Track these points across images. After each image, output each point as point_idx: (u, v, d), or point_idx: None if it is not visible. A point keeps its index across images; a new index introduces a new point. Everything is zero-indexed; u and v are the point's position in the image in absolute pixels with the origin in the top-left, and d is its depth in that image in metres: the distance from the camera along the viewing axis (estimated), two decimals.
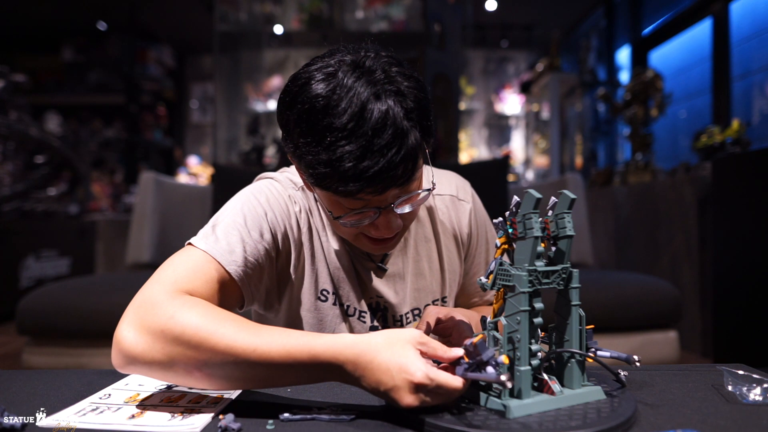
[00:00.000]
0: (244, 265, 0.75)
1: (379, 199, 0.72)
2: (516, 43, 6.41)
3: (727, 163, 2.26)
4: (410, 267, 0.92)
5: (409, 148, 0.68)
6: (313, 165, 0.68)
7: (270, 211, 0.81)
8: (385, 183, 0.68)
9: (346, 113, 0.66)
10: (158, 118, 6.61)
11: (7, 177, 3.72)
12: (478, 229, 0.98)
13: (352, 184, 0.67)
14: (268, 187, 0.85)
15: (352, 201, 0.71)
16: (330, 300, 0.88)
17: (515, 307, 0.59)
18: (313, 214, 0.87)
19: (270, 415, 0.60)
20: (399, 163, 0.67)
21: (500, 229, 0.64)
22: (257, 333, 0.62)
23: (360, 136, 0.65)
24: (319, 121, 0.67)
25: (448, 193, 0.96)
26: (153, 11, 5.88)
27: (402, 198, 0.73)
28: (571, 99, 5.43)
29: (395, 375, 0.57)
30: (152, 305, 0.65)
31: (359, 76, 0.68)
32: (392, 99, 0.67)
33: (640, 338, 1.88)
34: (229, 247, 0.75)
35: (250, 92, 4.39)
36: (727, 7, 3.49)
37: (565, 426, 0.54)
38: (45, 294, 1.84)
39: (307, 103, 0.68)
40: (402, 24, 3.80)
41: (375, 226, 0.76)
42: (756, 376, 0.67)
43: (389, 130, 0.66)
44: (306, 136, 0.68)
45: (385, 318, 0.90)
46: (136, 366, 0.63)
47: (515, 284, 0.59)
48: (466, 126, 6.28)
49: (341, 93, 0.67)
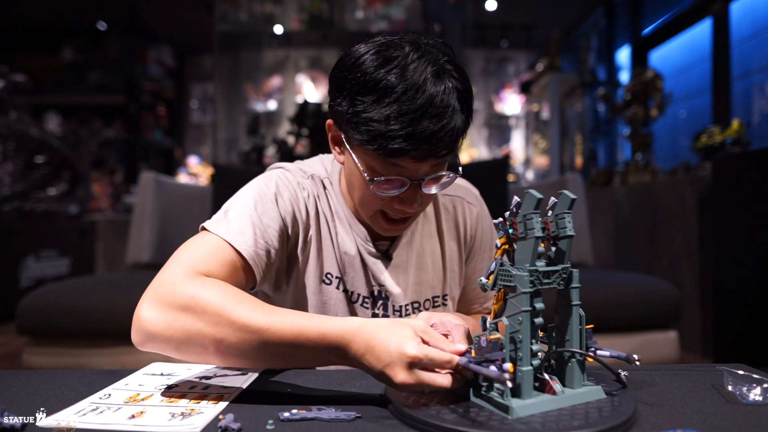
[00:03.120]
0: (255, 246, 0.79)
1: (415, 167, 0.77)
2: (516, 43, 6.41)
3: (727, 163, 2.26)
4: (414, 260, 0.94)
5: (458, 125, 0.75)
6: (368, 122, 0.74)
7: (279, 196, 0.86)
8: (429, 149, 0.73)
9: (410, 79, 0.72)
10: (158, 118, 6.61)
11: (7, 177, 3.72)
12: (483, 234, 1.00)
13: (401, 142, 0.72)
14: (278, 174, 0.90)
15: (391, 167, 0.77)
16: (334, 284, 0.91)
17: (516, 308, 0.60)
18: (320, 201, 0.91)
19: (270, 415, 0.60)
20: (447, 133, 0.73)
21: (500, 230, 0.64)
22: (271, 313, 0.66)
23: (419, 101, 0.72)
24: (381, 82, 0.73)
25: (457, 194, 0.99)
26: (153, 11, 5.87)
27: (432, 176, 0.79)
28: (571, 99, 5.43)
29: (392, 351, 0.60)
30: (172, 285, 0.69)
31: (421, 54, 0.75)
32: (451, 79, 0.75)
33: (640, 338, 1.88)
34: (240, 230, 0.79)
35: (250, 92, 4.39)
36: (727, 7, 3.49)
37: (568, 426, 0.54)
38: (45, 294, 1.84)
39: (371, 66, 0.74)
40: (402, 24, 3.80)
41: (400, 199, 0.80)
42: (756, 376, 0.67)
43: (446, 102, 0.73)
44: (366, 94, 0.74)
45: (386, 307, 0.93)
46: (156, 343, 0.67)
47: (516, 285, 0.59)
48: None
49: (405, 62, 0.74)
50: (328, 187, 0.93)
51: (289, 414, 0.59)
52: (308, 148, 3.45)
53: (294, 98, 4.72)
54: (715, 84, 3.56)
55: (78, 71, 6.33)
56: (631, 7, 4.91)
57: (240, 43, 4.20)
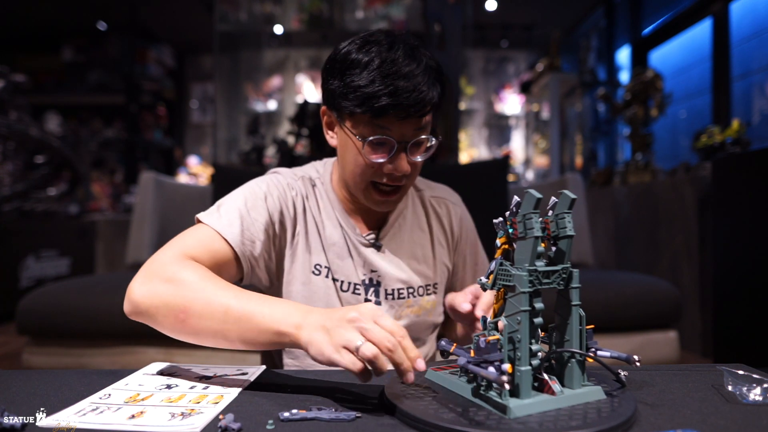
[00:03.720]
0: (242, 237, 0.88)
1: (399, 128, 0.87)
2: (516, 43, 6.41)
3: (727, 163, 2.26)
4: (405, 249, 1.02)
5: (432, 93, 0.86)
6: (357, 89, 0.84)
7: (269, 195, 0.94)
8: (409, 105, 0.84)
9: (387, 53, 0.85)
10: (158, 118, 6.61)
11: (7, 177, 3.72)
12: (467, 232, 1.09)
13: (385, 99, 0.83)
14: (269, 177, 0.99)
15: (379, 129, 0.86)
16: (323, 273, 0.97)
17: (515, 307, 0.59)
18: (309, 199, 0.99)
19: (270, 415, 0.60)
20: (423, 94, 0.84)
21: (500, 229, 0.64)
22: (236, 295, 0.73)
23: (396, 67, 0.84)
24: (365, 58, 0.85)
25: (442, 196, 1.10)
26: (153, 11, 5.87)
27: (415, 139, 0.89)
28: (571, 99, 5.43)
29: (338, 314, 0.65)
30: (161, 263, 0.79)
31: (395, 39, 0.88)
32: (423, 58, 0.87)
33: (640, 338, 1.88)
34: (229, 222, 0.88)
35: (250, 92, 4.39)
36: (727, 7, 3.49)
37: (566, 426, 0.54)
38: (45, 294, 1.84)
39: (354, 49, 0.87)
40: (402, 24, 3.80)
41: (390, 165, 0.89)
42: (756, 376, 0.67)
43: (420, 70, 0.85)
44: (353, 68, 0.86)
45: (378, 292, 0.99)
46: (140, 312, 0.77)
47: (516, 284, 0.59)
48: (466, 126, 6.28)
49: (383, 43, 0.87)
50: (318, 186, 1.01)
51: (289, 414, 0.59)
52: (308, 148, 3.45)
53: (294, 98, 4.71)
54: (715, 84, 3.56)
55: (78, 71, 6.33)
56: (631, 7, 4.91)
57: (240, 43, 4.20)
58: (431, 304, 1.03)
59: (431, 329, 1.06)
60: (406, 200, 1.05)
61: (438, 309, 1.06)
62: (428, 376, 0.70)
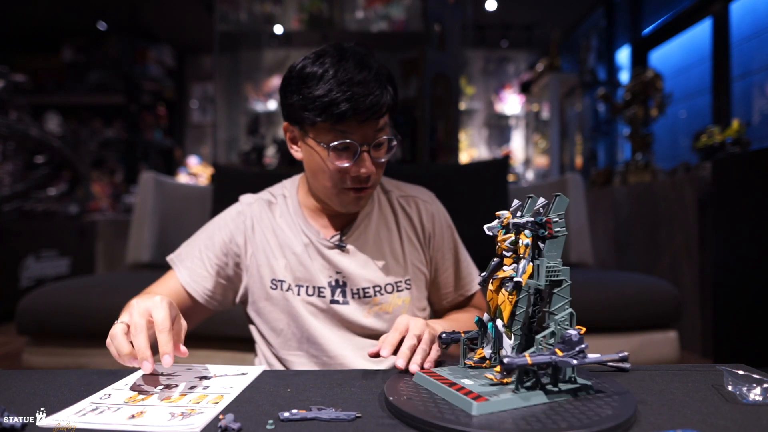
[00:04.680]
0: (190, 277, 1.01)
1: (360, 132, 0.91)
2: (516, 43, 6.41)
3: (727, 163, 2.26)
4: (371, 248, 1.04)
5: (386, 96, 0.92)
6: (316, 99, 0.89)
7: (220, 230, 1.05)
8: (366, 109, 0.89)
9: (340, 63, 0.90)
10: (158, 118, 6.60)
11: (7, 177, 3.72)
12: (441, 228, 1.10)
13: (344, 105, 0.88)
14: (229, 209, 1.09)
15: (341, 134, 0.91)
16: (279, 287, 1.02)
17: (563, 299, 0.64)
18: (262, 221, 1.06)
19: (270, 415, 0.60)
20: (377, 97, 0.89)
21: (529, 230, 0.66)
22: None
23: (350, 75, 0.89)
24: (319, 70, 0.90)
25: (412, 194, 1.11)
26: (153, 11, 5.87)
27: (377, 140, 0.94)
28: (571, 99, 5.43)
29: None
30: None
31: (345, 50, 0.93)
32: (373, 65, 0.92)
33: (640, 338, 1.88)
34: (184, 265, 1.02)
35: (250, 92, 4.39)
36: (727, 7, 3.49)
37: (567, 425, 0.54)
38: (45, 294, 1.84)
39: (309, 63, 0.92)
40: (402, 24, 3.80)
41: (355, 165, 0.93)
42: (756, 376, 0.67)
43: (371, 76, 0.90)
44: (309, 81, 0.91)
45: (345, 293, 1.02)
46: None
47: (564, 278, 0.64)
48: (466, 126, 6.28)
49: (334, 55, 0.92)
50: (278, 202, 1.08)
51: (289, 414, 0.60)
52: None
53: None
54: (715, 84, 3.56)
55: (78, 71, 6.32)
56: (631, 7, 4.90)
57: (240, 43, 4.20)
58: (402, 301, 1.04)
59: None
60: (372, 203, 1.08)
61: (417, 304, 1.07)
62: (416, 379, 0.70)
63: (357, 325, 1.01)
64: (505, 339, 0.65)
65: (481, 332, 0.72)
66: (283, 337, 1.03)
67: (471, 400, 0.58)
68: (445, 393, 0.63)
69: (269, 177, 1.26)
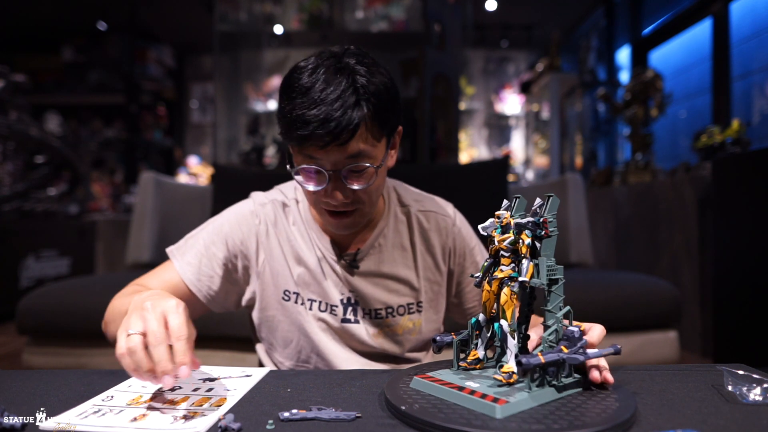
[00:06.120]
0: (197, 274, 0.95)
1: (325, 156, 0.82)
2: (516, 43, 6.41)
3: (727, 163, 2.26)
4: (384, 270, 0.99)
5: (353, 115, 0.79)
6: (283, 117, 0.83)
7: (230, 228, 0.98)
8: (326, 133, 0.78)
9: (309, 78, 0.81)
10: (158, 118, 6.60)
11: (7, 177, 3.72)
12: (463, 240, 1.05)
13: (301, 127, 0.79)
14: (240, 205, 1.02)
15: (309, 159, 0.84)
16: (292, 299, 0.98)
17: (559, 297, 0.65)
18: (277, 226, 0.99)
19: (270, 415, 0.60)
20: (339, 119, 0.78)
21: (530, 230, 0.66)
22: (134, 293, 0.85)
23: (314, 94, 0.79)
24: (291, 85, 0.83)
25: (431, 209, 1.05)
26: (153, 11, 5.87)
27: (348, 166, 0.83)
28: (571, 99, 5.43)
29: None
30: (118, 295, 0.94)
31: (325, 58, 0.84)
32: (350, 77, 0.81)
33: (640, 338, 1.88)
34: (188, 261, 0.96)
35: (250, 92, 4.39)
36: (727, 7, 3.49)
37: (567, 425, 0.54)
38: (45, 294, 1.84)
39: (293, 72, 0.85)
40: (402, 24, 3.80)
41: (325, 192, 0.85)
42: (756, 376, 0.67)
43: (337, 94, 0.79)
44: (283, 96, 0.84)
45: (356, 311, 0.98)
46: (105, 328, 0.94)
47: (559, 276, 0.65)
48: (466, 126, 6.28)
49: (309, 66, 0.83)
50: (292, 207, 1.00)
51: (289, 414, 0.59)
52: None
53: None
54: (715, 84, 3.56)
55: (78, 71, 6.32)
56: (631, 7, 4.90)
57: (240, 43, 4.20)
58: (414, 323, 1.01)
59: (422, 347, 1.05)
60: (387, 218, 1.01)
61: (429, 327, 1.03)
62: (414, 384, 0.69)
63: (367, 344, 0.99)
64: (510, 339, 0.65)
65: (475, 333, 0.72)
66: (291, 348, 1.00)
67: (493, 403, 0.57)
68: (457, 398, 0.61)
69: (269, 177, 1.25)
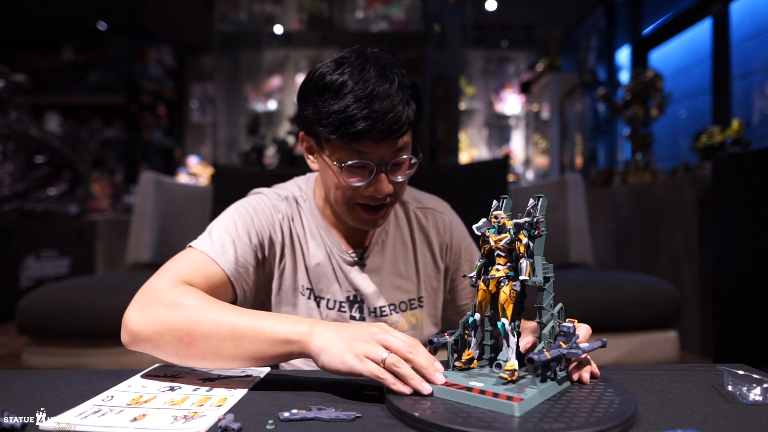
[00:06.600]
0: (235, 263, 0.88)
1: (377, 151, 0.85)
2: (516, 43, 6.41)
3: (727, 163, 2.26)
4: (388, 265, 1.02)
5: (407, 111, 0.84)
6: (331, 114, 0.83)
7: (257, 219, 0.94)
8: (384, 128, 0.82)
9: (359, 75, 0.83)
10: (158, 118, 6.60)
11: (7, 177, 3.72)
12: (458, 240, 1.08)
13: (360, 123, 0.81)
14: (255, 199, 0.99)
15: (356, 154, 0.85)
16: (306, 294, 0.98)
17: (550, 294, 0.67)
18: (294, 221, 0.99)
19: (270, 415, 0.60)
20: (397, 114, 0.82)
21: (526, 229, 0.67)
22: (240, 313, 0.74)
23: (369, 89, 0.81)
24: (337, 81, 0.83)
25: (429, 206, 1.08)
26: (153, 11, 5.87)
27: (394, 160, 0.87)
28: (571, 99, 5.43)
29: (356, 329, 0.69)
30: (158, 290, 0.78)
31: (366, 59, 0.85)
32: (396, 76, 0.84)
33: (640, 338, 1.88)
34: (223, 248, 0.88)
35: (250, 92, 4.39)
36: (727, 7, 3.49)
37: (567, 425, 0.54)
38: (45, 294, 1.84)
39: (327, 72, 0.85)
40: (402, 24, 3.80)
41: (370, 186, 0.88)
42: (756, 376, 0.67)
43: (392, 90, 0.82)
44: (325, 93, 0.84)
45: (362, 309, 1.00)
46: (141, 341, 0.75)
47: (551, 275, 0.67)
48: (466, 126, 6.28)
49: (354, 64, 0.84)
50: (302, 205, 1.01)
51: (289, 414, 0.59)
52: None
53: (294, 98, 4.69)
54: (715, 84, 3.56)
55: (78, 71, 6.32)
56: (631, 7, 4.90)
57: (240, 43, 4.20)
58: (417, 319, 1.03)
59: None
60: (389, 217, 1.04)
61: (430, 321, 1.06)
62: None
63: None
64: (510, 337, 0.65)
65: (468, 333, 0.72)
66: None
67: (510, 402, 0.58)
68: (469, 398, 0.61)
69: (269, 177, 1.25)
